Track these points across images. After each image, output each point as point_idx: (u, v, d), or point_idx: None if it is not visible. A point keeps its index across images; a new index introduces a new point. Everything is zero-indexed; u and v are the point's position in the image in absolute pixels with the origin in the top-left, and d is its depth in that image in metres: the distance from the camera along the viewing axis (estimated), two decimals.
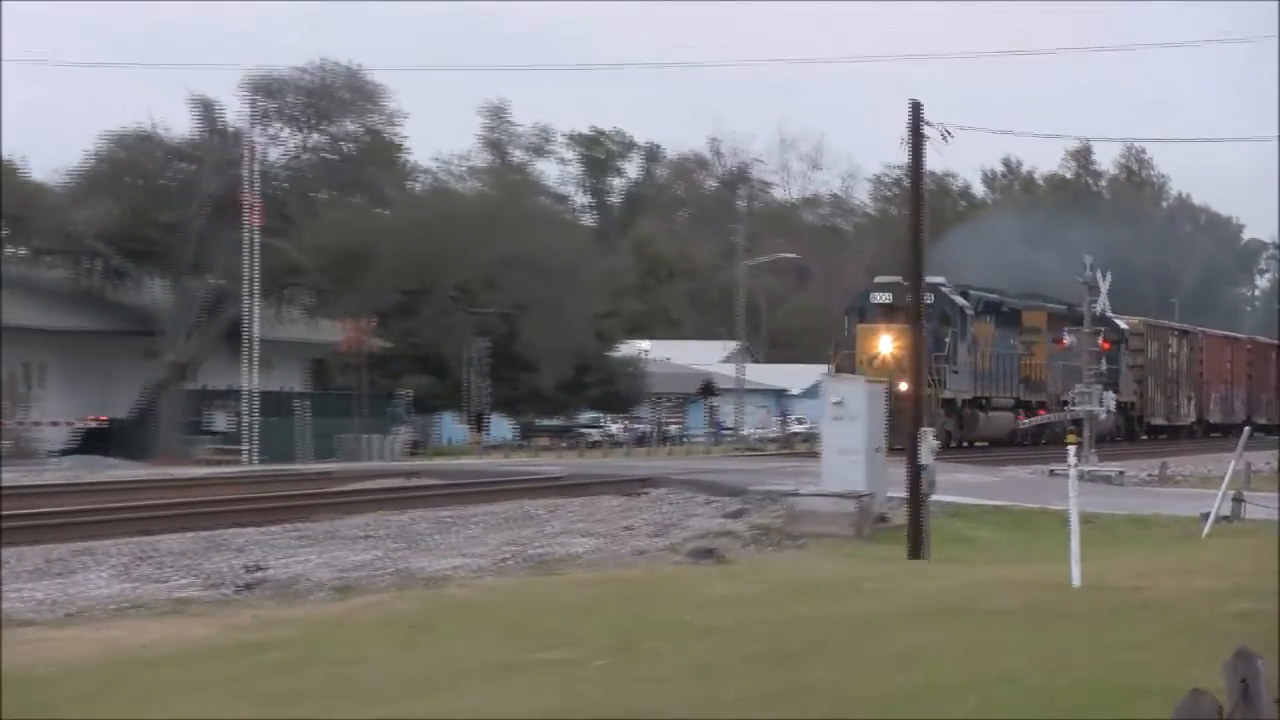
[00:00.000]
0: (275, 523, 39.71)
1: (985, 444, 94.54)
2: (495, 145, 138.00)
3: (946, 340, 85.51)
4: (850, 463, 43.80)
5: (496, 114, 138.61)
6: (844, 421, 44.60)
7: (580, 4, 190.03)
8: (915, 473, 39.04)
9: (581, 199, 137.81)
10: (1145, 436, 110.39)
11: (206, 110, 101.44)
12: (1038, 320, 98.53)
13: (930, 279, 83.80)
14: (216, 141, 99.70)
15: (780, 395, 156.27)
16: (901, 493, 40.02)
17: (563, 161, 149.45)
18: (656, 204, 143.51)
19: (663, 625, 26.11)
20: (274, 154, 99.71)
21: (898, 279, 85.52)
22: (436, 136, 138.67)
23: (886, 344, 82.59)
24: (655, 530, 41.69)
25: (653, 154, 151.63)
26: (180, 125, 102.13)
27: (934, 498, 39.81)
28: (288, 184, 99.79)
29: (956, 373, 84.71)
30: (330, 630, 25.86)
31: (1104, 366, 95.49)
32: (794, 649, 23.45)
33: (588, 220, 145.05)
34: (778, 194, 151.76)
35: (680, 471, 57.87)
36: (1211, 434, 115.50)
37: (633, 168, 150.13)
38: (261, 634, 25.34)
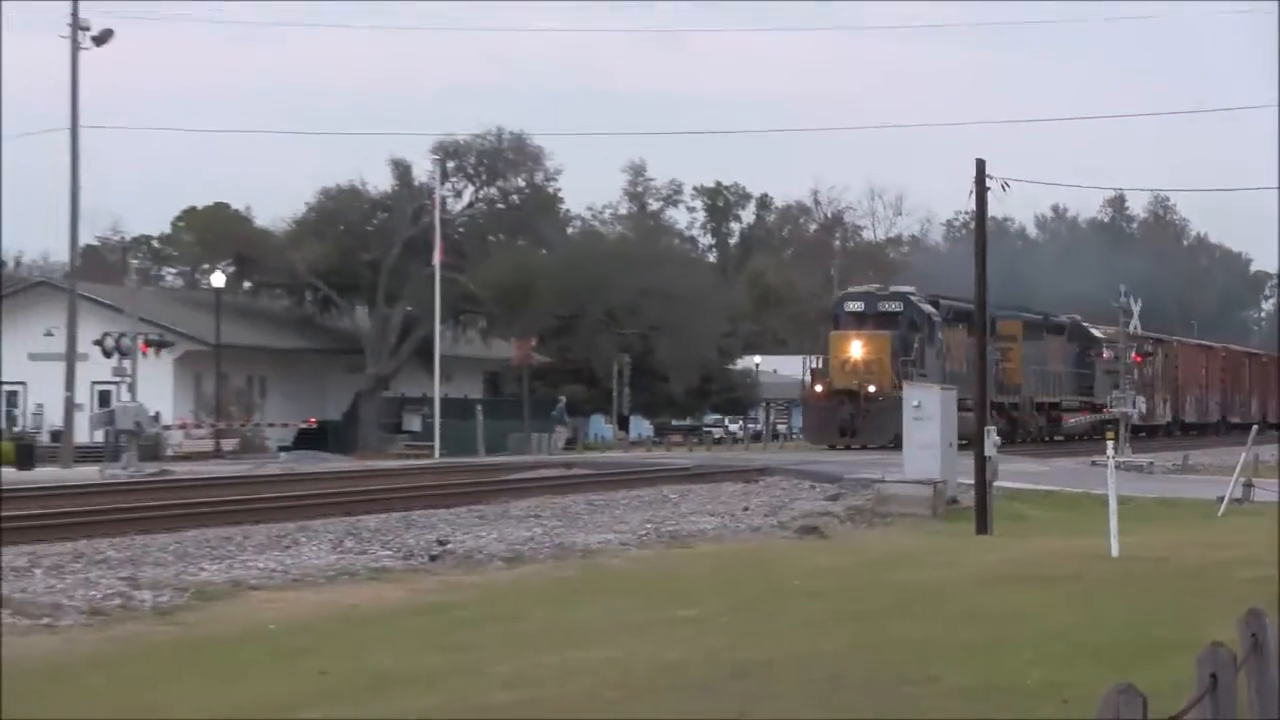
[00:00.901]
0: (458, 505, 39.67)
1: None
2: (635, 196, 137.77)
3: (914, 345, 78.32)
4: (927, 455, 43.73)
5: (636, 171, 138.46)
6: (922, 421, 44.52)
7: (705, 85, 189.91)
8: (981, 463, 38.88)
9: (705, 240, 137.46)
10: (1141, 435, 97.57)
11: (402, 169, 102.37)
12: (1013, 329, 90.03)
13: (899, 289, 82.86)
14: (409, 195, 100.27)
15: None
16: (969, 479, 39.83)
17: (690, 209, 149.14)
18: (767, 244, 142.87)
19: (774, 589, 26.12)
20: (455, 205, 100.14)
21: (872, 288, 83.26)
22: (587, 189, 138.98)
23: (858, 349, 77.32)
24: (767, 511, 41.54)
25: (764, 203, 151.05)
26: (380, 182, 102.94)
27: (996, 484, 39.60)
28: (466, 229, 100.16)
29: (924, 375, 75.17)
30: (502, 593, 25.89)
31: (1073, 370, 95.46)
32: (882, 608, 23.42)
33: (710, 258, 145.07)
34: (866, 235, 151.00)
35: (788, 463, 57.61)
36: (1189, 432, 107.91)
37: (748, 214, 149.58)
38: (446, 596, 25.39)
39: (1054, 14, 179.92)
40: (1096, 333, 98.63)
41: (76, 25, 77.94)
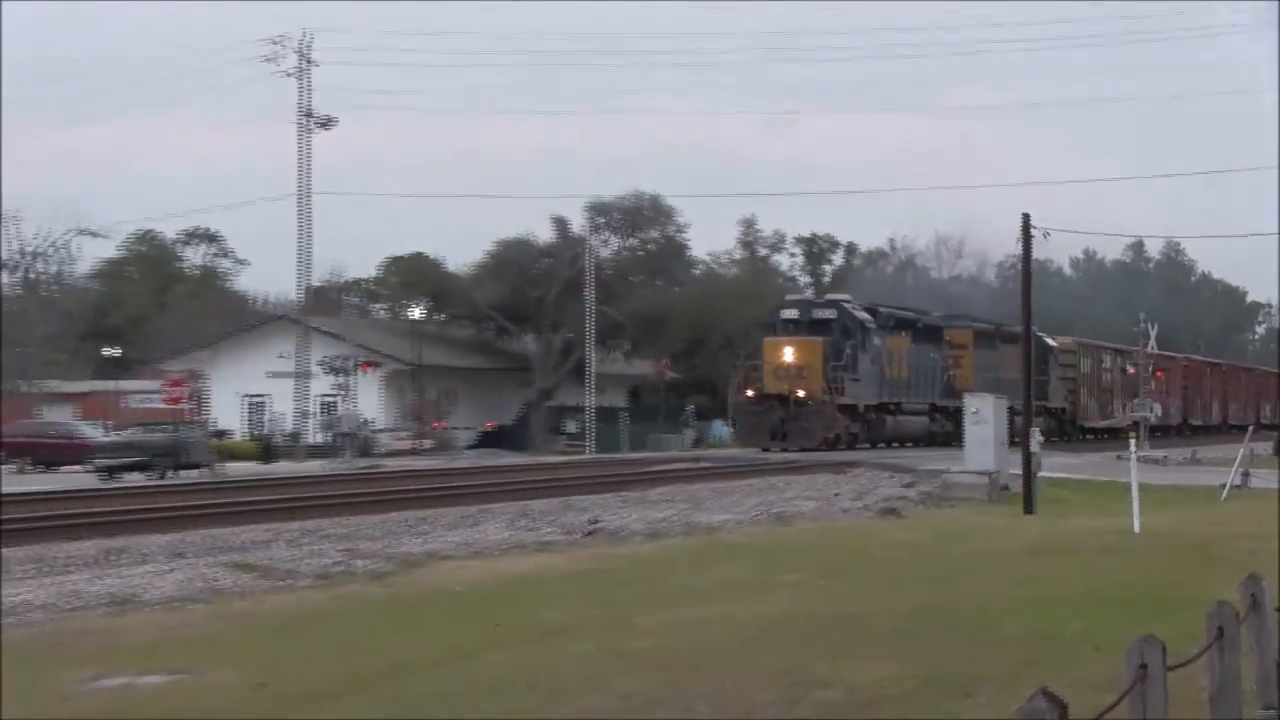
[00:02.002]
0: (607, 492, 39.67)
1: (902, 443, 72.49)
2: (747, 245, 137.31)
3: (846, 351, 66.97)
4: (984, 450, 43.44)
5: (748, 224, 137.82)
6: (979, 424, 44.26)
7: (803, 154, 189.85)
8: (1027, 457, 38.63)
9: (803, 280, 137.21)
10: (1087, 437, 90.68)
11: (561, 224, 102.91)
12: (964, 337, 79.66)
13: (834, 296, 73.28)
14: (567, 244, 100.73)
15: None
16: (1018, 470, 39.59)
17: (791, 255, 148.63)
18: (855, 281, 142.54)
19: (860, 558, 26.02)
20: (604, 252, 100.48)
21: (806, 297, 74.97)
22: (709, 238, 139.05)
23: (789, 354, 65.87)
24: (854, 496, 41.33)
25: (850, 249, 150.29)
26: (545, 234, 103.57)
27: (1040, 474, 39.33)
28: (612, 271, 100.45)
29: (858, 380, 66.91)
30: (643, 562, 25.85)
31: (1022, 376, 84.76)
32: (948, 573, 23.33)
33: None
34: (933, 274, 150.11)
35: (871, 458, 57.32)
36: (1197, 432, 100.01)
37: (837, 258, 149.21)
38: (598, 564, 25.40)
39: (1090, 95, 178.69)
40: (1051, 342, 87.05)
41: (307, 114, 78.64)
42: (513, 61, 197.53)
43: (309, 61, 79.46)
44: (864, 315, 69.64)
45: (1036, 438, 40.13)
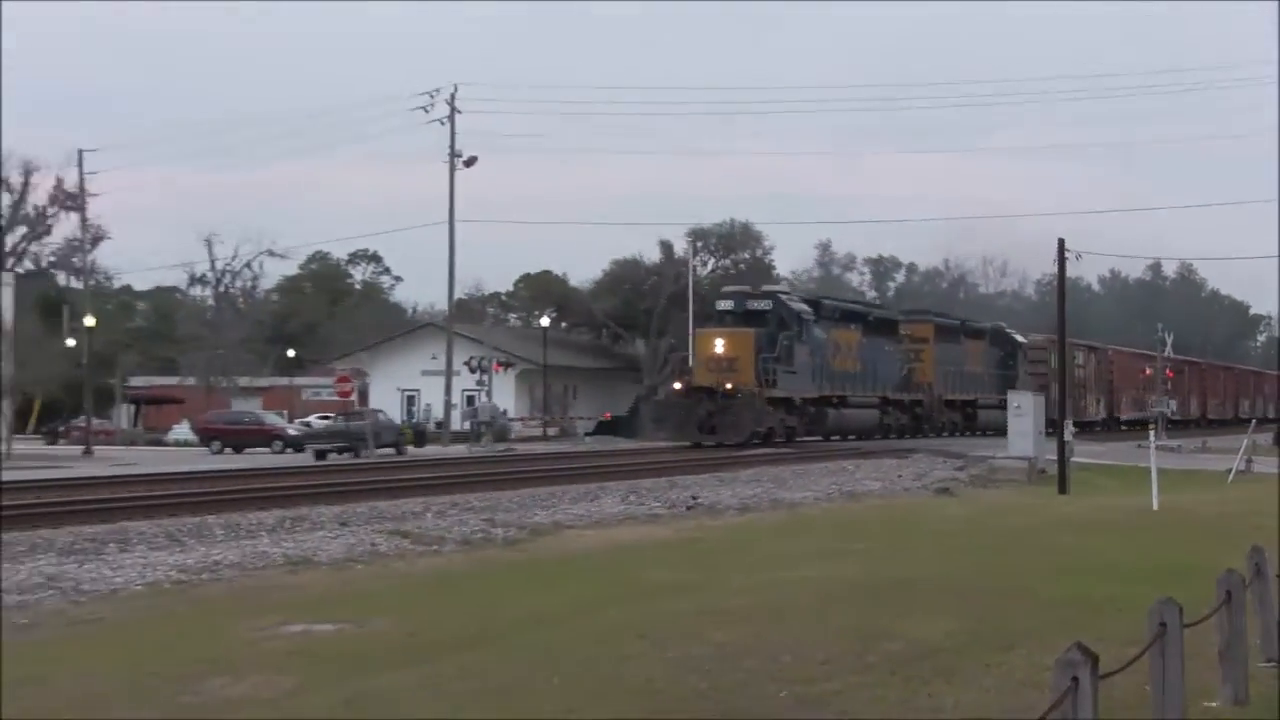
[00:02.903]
0: (704, 473, 39.56)
1: (844, 436, 62.48)
2: (823, 265, 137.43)
3: (782, 343, 55.30)
4: (1024, 439, 43.18)
5: (824, 247, 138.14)
6: (1021, 416, 43.96)
7: (868, 186, 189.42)
8: (1061, 444, 38.36)
9: (871, 295, 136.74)
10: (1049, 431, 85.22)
11: (666, 247, 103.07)
12: (924, 332, 69.41)
13: (770, 288, 60.32)
14: (671, 264, 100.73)
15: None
16: (1053, 455, 39.31)
17: (860, 273, 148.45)
18: (914, 295, 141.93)
19: (919, 530, 25.91)
20: (702, 271, 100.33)
21: (744, 288, 59.94)
22: (791, 260, 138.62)
23: (720, 346, 54.20)
24: (914, 477, 41.14)
25: (911, 268, 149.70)
26: (652, 255, 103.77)
27: (1072, 459, 39.03)
28: (709, 286, 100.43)
29: (793, 373, 55.41)
30: (735, 532, 25.82)
31: (989, 373, 74.77)
32: (993, 543, 23.20)
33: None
34: (981, 290, 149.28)
35: (929, 446, 56.99)
36: (1208, 425, 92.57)
37: (900, 276, 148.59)
38: (697, 534, 25.38)
39: (1120, 138, 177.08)
40: (1020, 338, 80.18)
41: (454, 154, 79.14)
42: (625, 110, 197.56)
43: (455, 110, 79.86)
44: (802, 307, 57.79)
45: (1070, 429, 39.99)
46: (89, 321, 75.66)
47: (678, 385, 56.70)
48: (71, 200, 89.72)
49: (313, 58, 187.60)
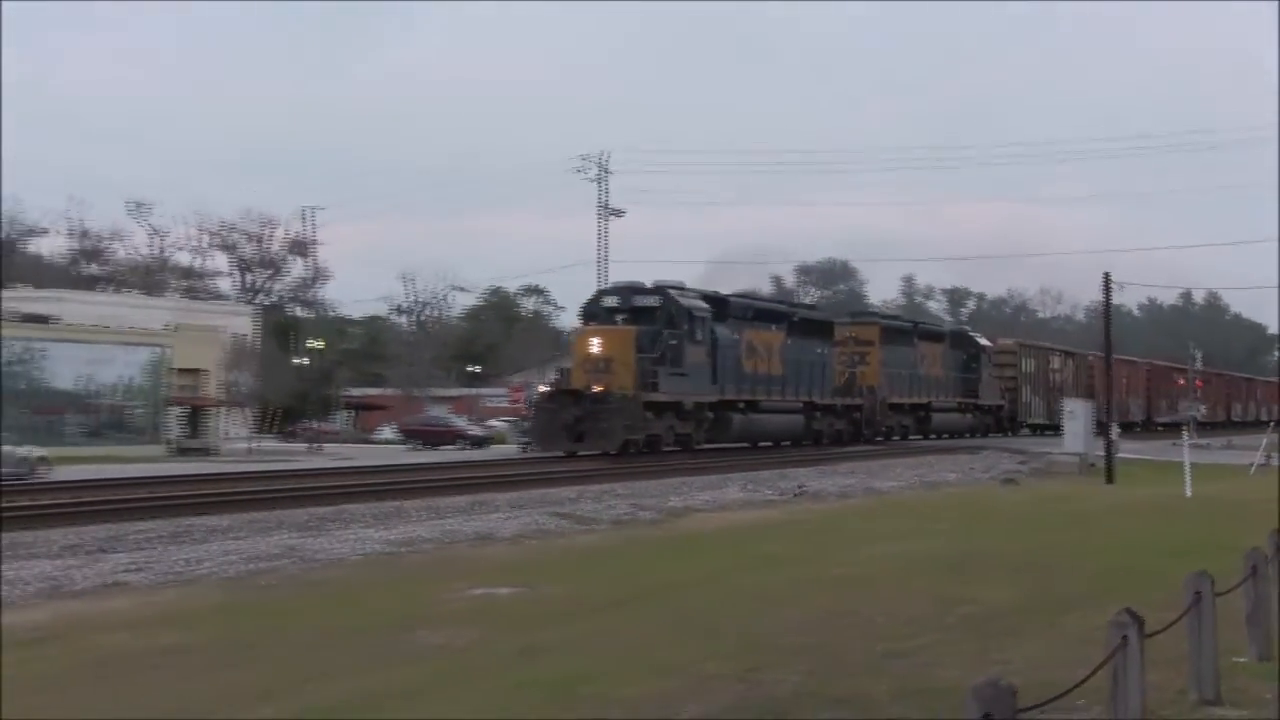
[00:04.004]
0: (810, 466, 39.24)
1: (756, 443, 48.01)
2: (908, 295, 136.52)
3: (670, 342, 40.87)
4: (1076, 438, 42.43)
5: (908, 279, 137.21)
6: (1074, 419, 43.24)
7: (938, 230, 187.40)
8: (1108, 442, 37.78)
9: (948, 319, 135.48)
10: (1028, 432, 69.19)
11: (777, 281, 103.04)
12: (869, 334, 55.02)
13: (663, 282, 43.77)
14: (782, 294, 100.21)
15: None
16: (1101, 452, 38.67)
17: (938, 301, 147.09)
18: (983, 320, 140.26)
19: (988, 514, 25.58)
20: (807, 300, 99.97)
21: (631, 282, 44.69)
22: (882, 290, 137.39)
23: (597, 345, 40.44)
24: (984, 469, 40.64)
25: (980, 296, 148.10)
26: (765, 287, 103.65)
27: (1118, 455, 38.38)
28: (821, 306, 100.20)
29: (684, 375, 41.23)
30: (835, 515, 25.64)
31: (957, 375, 61.49)
32: (1051, 525, 22.87)
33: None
34: (1039, 315, 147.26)
35: (996, 444, 56.25)
36: (1233, 427, 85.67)
37: (971, 303, 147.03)
38: (804, 516, 25.21)
39: (1151, 187, 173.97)
40: (984, 341, 66.59)
41: (604, 207, 79.52)
42: (740, 169, 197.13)
43: (606, 171, 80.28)
44: (696, 304, 42.79)
45: (1115, 430, 39.43)
46: (317, 344, 76.89)
47: (542, 388, 42.06)
48: (302, 248, 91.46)
49: (503, 122, 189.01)
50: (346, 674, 10.06)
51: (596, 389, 38.63)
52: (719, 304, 44.29)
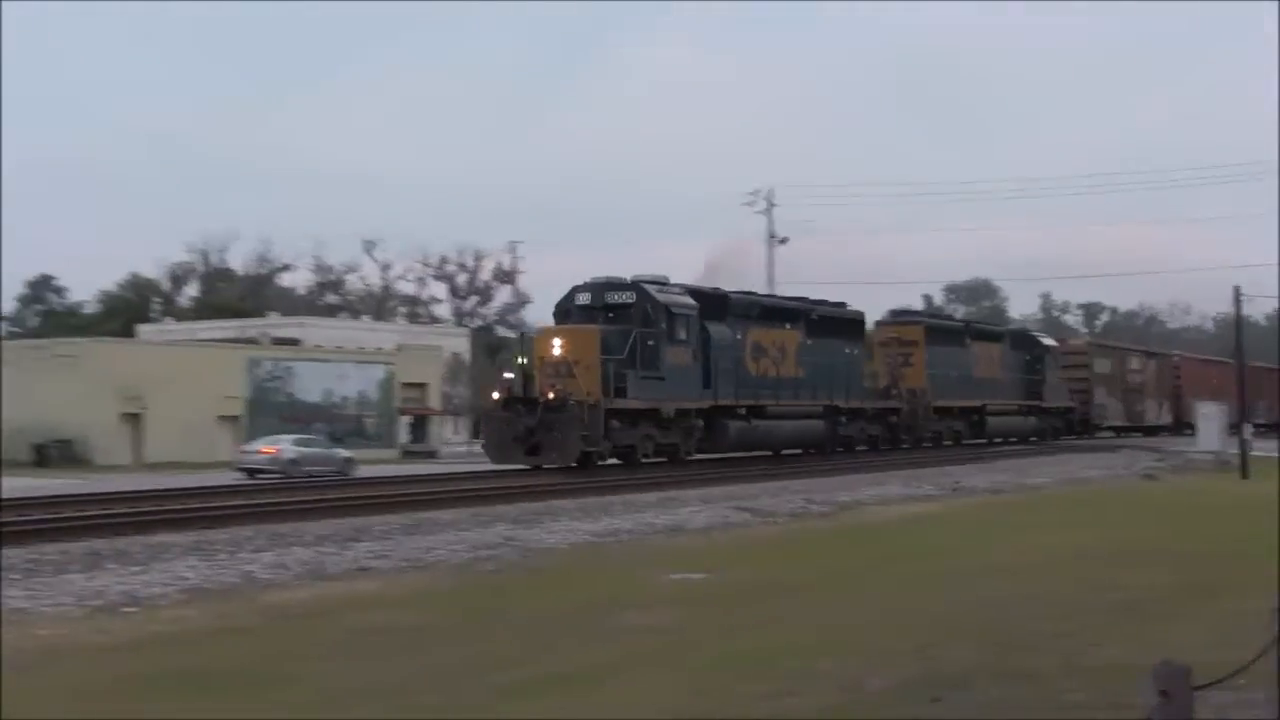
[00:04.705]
0: (965, 464, 38.25)
1: (771, 451, 38.64)
2: (1045, 309, 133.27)
3: (643, 343, 31.42)
4: (1211, 437, 41.03)
5: (1046, 295, 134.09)
6: (1208, 420, 41.78)
7: (1081, 251, 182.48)
8: (1242, 441, 36.35)
9: (1084, 330, 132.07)
10: (1110, 434, 60.80)
11: (928, 299, 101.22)
12: (913, 334, 44.90)
13: (642, 276, 33.52)
14: (933, 311, 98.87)
15: None
16: (1235, 450, 37.30)
17: (1074, 314, 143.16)
18: (1118, 331, 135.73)
19: (1132, 506, 24.87)
20: (957, 313, 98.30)
21: (608, 278, 33.60)
22: (1021, 305, 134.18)
23: (557, 347, 31.11)
24: (1124, 466, 39.47)
25: (1114, 310, 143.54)
26: (917, 304, 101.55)
27: (1251, 453, 36.96)
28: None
29: (660, 379, 31.80)
30: (990, 508, 25.12)
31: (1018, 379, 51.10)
32: (1189, 515, 22.18)
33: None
34: (1169, 325, 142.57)
35: (1133, 443, 54.58)
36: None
37: (1105, 316, 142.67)
38: (960, 510, 24.77)
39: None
40: (1049, 341, 56.21)
41: (771, 236, 79.33)
42: (891, 199, 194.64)
43: (771, 204, 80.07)
44: (677, 299, 33.07)
45: (1249, 429, 38.05)
46: (520, 361, 77.78)
47: (495, 395, 32.37)
48: (507, 276, 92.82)
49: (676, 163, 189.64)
50: (567, 648, 10.16)
51: (549, 396, 29.69)
52: (715, 300, 34.69)
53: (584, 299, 32.82)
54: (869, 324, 44.03)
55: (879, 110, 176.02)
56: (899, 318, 47.17)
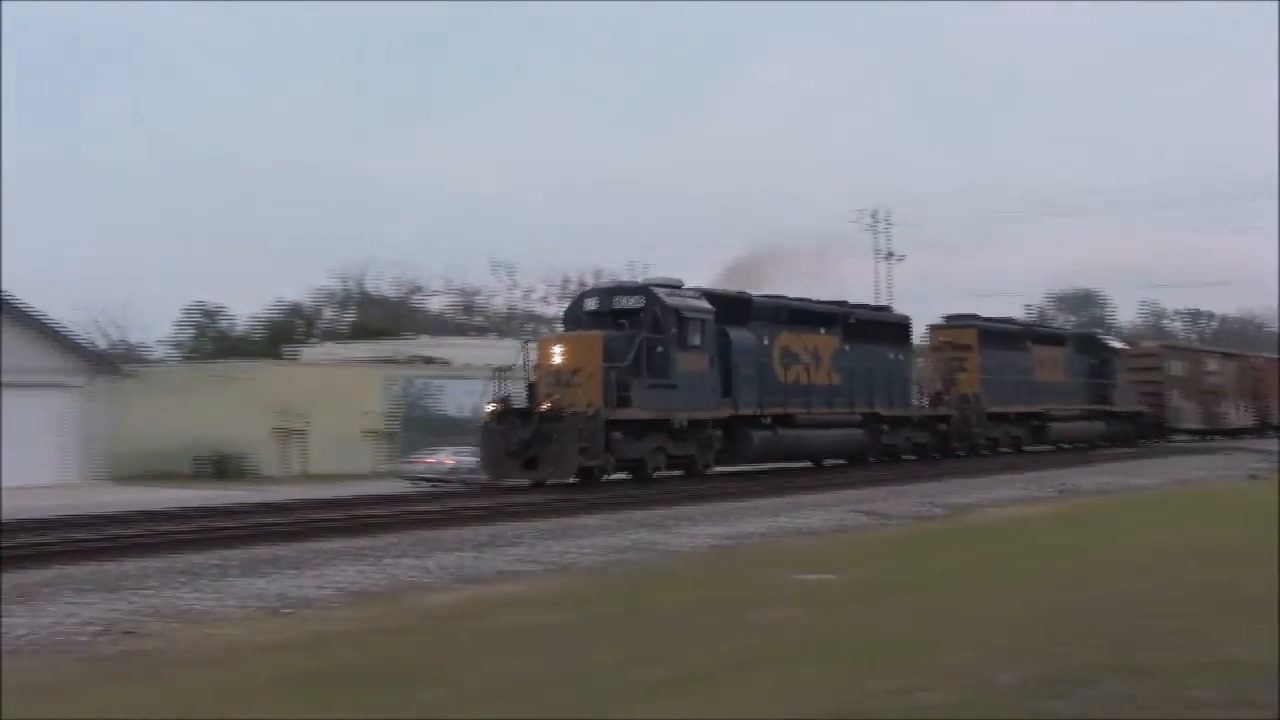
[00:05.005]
0: (1072, 467, 37.36)
1: (813, 461, 34.45)
2: (1144, 315, 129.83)
3: (651, 350, 27.17)
4: None
5: (1151, 304, 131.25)
6: None
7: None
8: None
9: (1190, 337, 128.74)
10: (1188, 437, 56.24)
11: (1028, 308, 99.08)
12: (967, 338, 40.46)
13: (654, 279, 30.99)
14: (1041, 320, 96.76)
15: None
16: None
17: (1180, 322, 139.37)
18: (1226, 336, 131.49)
19: (1236, 507, 24.12)
20: (1060, 323, 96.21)
21: (618, 282, 35.66)
22: (1126, 314, 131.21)
23: (559, 354, 26.93)
24: (1228, 468, 38.25)
25: (1223, 318, 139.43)
26: (1019, 314, 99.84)
27: None
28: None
29: (672, 387, 27.54)
30: (1096, 509, 24.51)
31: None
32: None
33: None
34: (1269, 330, 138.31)
35: (1237, 446, 52.85)
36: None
37: (1214, 322, 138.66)
38: (1069, 511, 24.17)
39: None
40: (1115, 344, 51.68)
41: (883, 253, 78.73)
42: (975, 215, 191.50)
43: (887, 223, 79.56)
44: (690, 303, 28.89)
45: None
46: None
47: (490, 406, 27.61)
48: None
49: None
50: (701, 646, 10.11)
51: (544, 407, 26.15)
52: (737, 304, 30.66)
53: (592, 305, 29.01)
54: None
55: (982, 121, 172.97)
56: (953, 321, 42.32)
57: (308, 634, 11.08)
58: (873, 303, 34.22)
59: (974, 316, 42.56)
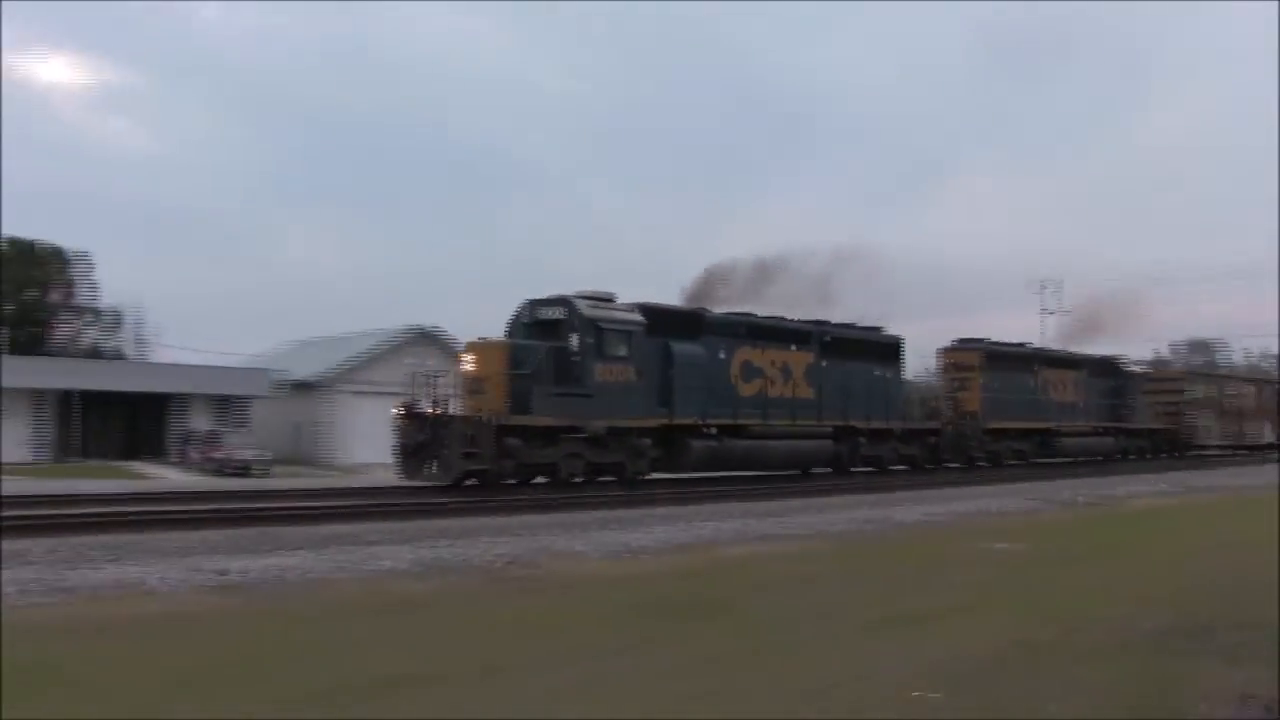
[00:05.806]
0: (1184, 470, 33.49)
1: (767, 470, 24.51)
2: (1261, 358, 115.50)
3: (552, 358, 19.73)
4: None
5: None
6: None
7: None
8: None
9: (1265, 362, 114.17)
10: (1207, 454, 45.19)
11: (1155, 352, 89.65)
12: (970, 359, 32.21)
13: (586, 292, 21.27)
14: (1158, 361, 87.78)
15: None
16: None
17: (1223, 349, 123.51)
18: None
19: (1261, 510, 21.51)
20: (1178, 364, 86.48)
21: (556, 295, 21.07)
22: (1235, 356, 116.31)
23: (469, 363, 19.21)
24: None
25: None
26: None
27: None
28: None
29: (587, 396, 19.85)
30: (1205, 504, 22.36)
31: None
32: None
33: None
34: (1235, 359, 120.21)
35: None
36: None
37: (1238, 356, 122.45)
38: (1190, 503, 22.15)
39: None
40: (1133, 368, 42.33)
41: (1047, 310, 74.12)
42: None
43: (1059, 286, 74.84)
44: (611, 315, 21.08)
45: None
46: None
47: (395, 411, 20.15)
48: None
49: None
50: (913, 594, 10.08)
51: (434, 411, 20.24)
52: (687, 319, 23.68)
53: (525, 316, 21.99)
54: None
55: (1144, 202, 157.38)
56: (961, 344, 34.89)
57: (640, 571, 11.60)
58: (860, 323, 28.78)
59: (981, 340, 35.84)
